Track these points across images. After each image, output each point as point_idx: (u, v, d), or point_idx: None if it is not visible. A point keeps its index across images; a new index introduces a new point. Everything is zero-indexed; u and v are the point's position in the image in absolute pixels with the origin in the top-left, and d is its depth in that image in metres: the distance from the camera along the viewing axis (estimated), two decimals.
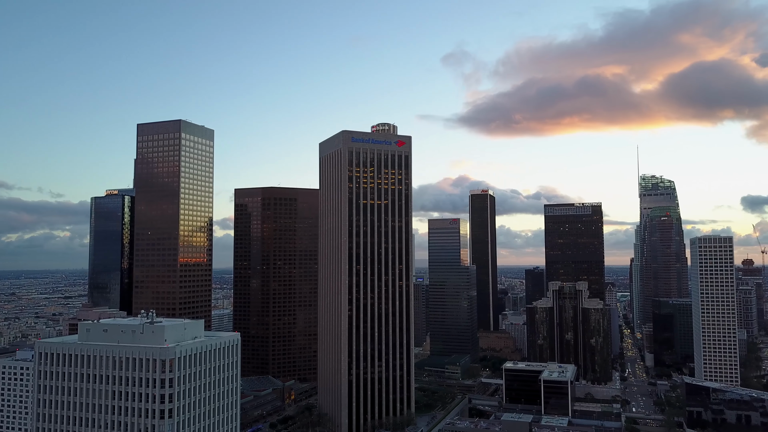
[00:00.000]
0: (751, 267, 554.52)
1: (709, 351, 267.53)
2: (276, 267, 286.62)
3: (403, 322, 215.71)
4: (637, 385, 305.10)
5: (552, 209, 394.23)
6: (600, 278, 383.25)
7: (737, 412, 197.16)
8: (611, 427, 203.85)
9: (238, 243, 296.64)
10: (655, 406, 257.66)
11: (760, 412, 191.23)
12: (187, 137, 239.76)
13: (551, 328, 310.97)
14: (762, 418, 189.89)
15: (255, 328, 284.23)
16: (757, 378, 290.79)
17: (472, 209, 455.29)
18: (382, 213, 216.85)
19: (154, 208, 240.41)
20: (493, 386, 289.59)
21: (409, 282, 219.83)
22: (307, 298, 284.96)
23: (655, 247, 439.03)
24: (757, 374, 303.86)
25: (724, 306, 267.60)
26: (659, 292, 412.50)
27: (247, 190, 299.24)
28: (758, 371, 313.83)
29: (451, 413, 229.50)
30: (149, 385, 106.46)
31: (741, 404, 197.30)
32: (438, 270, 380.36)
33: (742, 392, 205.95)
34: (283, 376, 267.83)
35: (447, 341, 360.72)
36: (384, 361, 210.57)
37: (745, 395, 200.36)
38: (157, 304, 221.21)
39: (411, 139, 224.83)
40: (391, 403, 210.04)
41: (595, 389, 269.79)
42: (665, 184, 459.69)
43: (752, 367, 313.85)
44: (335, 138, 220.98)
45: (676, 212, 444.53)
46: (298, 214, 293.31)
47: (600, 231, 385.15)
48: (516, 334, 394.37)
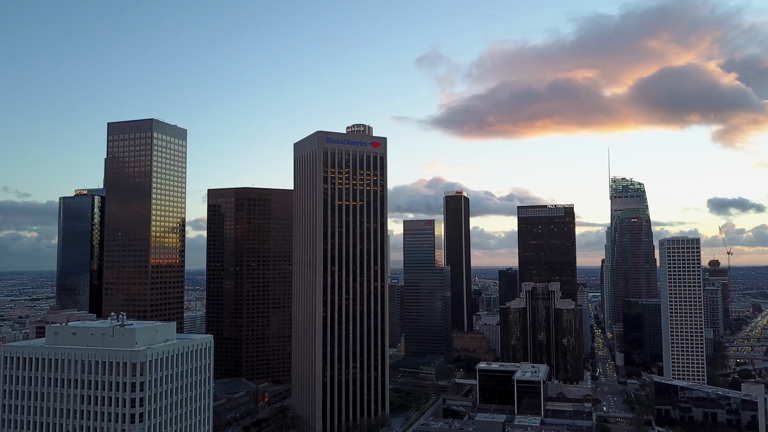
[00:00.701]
0: (717, 268, 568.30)
1: (677, 350, 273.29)
2: (250, 268, 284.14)
3: (377, 323, 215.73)
4: (607, 384, 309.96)
5: (525, 211, 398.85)
6: (572, 279, 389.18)
7: (704, 409, 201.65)
8: (583, 426, 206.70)
9: (211, 244, 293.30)
10: (625, 405, 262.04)
11: (726, 410, 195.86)
12: (160, 137, 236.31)
13: (524, 328, 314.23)
14: (728, 416, 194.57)
15: (228, 330, 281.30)
16: (723, 376, 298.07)
17: (447, 210, 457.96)
18: (357, 214, 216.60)
19: (125, 208, 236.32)
20: (467, 386, 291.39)
21: (384, 283, 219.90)
22: (281, 299, 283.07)
23: (626, 249, 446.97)
24: (723, 372, 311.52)
25: (692, 306, 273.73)
26: (629, 293, 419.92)
27: (221, 191, 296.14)
28: (724, 369, 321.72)
29: (426, 414, 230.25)
30: (119, 388, 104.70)
31: (708, 402, 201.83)
32: (413, 271, 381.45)
33: (708, 390, 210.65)
34: (256, 379, 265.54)
35: (421, 342, 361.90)
36: (359, 363, 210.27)
37: (712, 393, 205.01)
38: (128, 306, 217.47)
39: (386, 141, 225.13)
40: (366, 404, 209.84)
41: (567, 389, 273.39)
42: (635, 186, 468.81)
43: (718, 366, 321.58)
44: (310, 138, 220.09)
45: (645, 214, 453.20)
46: (272, 215, 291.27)
47: (572, 232, 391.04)
48: (490, 335, 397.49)
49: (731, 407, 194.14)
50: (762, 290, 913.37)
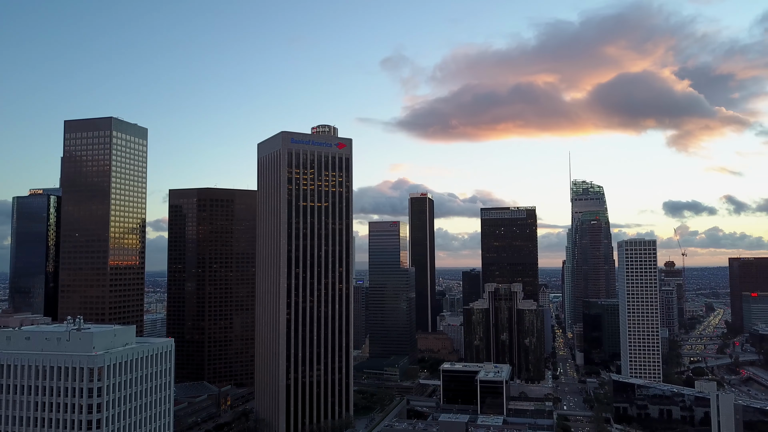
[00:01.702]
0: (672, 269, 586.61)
1: (635, 349, 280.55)
2: (212, 270, 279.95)
3: (342, 325, 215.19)
4: (568, 384, 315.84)
5: (488, 213, 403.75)
6: (534, 280, 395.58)
7: (660, 406, 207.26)
8: (544, 425, 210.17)
9: (172, 245, 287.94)
10: (584, 403, 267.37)
11: (680, 406, 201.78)
12: (119, 135, 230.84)
13: (487, 328, 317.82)
14: (682, 412, 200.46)
15: (190, 333, 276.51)
16: (678, 374, 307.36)
17: (412, 212, 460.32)
18: (322, 215, 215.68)
19: (83, 208, 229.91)
20: (431, 387, 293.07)
21: (349, 285, 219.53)
22: (244, 301, 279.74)
23: (586, 250, 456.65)
24: (678, 370, 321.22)
25: (648, 306, 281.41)
26: (589, 293, 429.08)
27: (182, 191, 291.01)
28: (679, 367, 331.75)
29: (390, 415, 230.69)
30: (76, 394, 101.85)
31: (663, 399, 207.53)
32: (378, 272, 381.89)
33: (664, 388, 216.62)
34: (219, 382, 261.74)
35: (386, 343, 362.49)
36: (323, 365, 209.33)
37: (667, 390, 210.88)
38: (85, 309, 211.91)
39: (352, 142, 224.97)
40: (330, 406, 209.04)
41: (529, 388, 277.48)
42: (595, 189, 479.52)
43: (673, 364, 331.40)
44: (274, 139, 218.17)
45: (604, 216, 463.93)
46: (235, 216, 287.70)
47: (534, 234, 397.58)
48: (453, 335, 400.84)
49: (685, 404, 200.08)
50: (714, 290, 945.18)
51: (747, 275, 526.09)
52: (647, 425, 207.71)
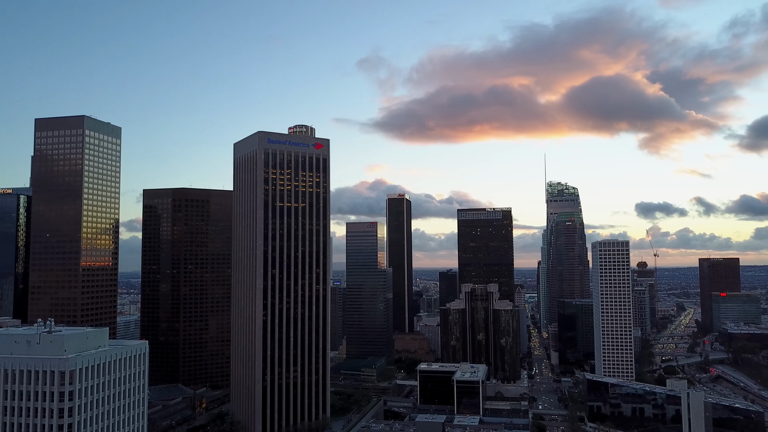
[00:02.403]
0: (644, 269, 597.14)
1: (608, 348, 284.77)
2: (187, 271, 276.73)
3: (319, 326, 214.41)
4: (543, 383, 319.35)
5: (464, 214, 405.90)
6: (510, 280, 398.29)
7: (632, 405, 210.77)
8: (519, 424, 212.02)
9: (146, 246, 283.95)
10: (559, 403, 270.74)
11: (652, 405, 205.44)
12: (92, 134, 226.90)
13: (464, 329, 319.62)
14: (654, 410, 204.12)
15: (164, 335, 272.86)
16: (650, 372, 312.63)
17: (389, 213, 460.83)
18: (299, 216, 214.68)
19: (54, 208, 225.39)
20: (408, 388, 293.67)
21: (326, 286, 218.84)
22: (219, 303, 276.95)
23: (561, 251, 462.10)
24: (650, 369, 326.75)
25: (622, 306, 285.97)
26: (564, 293, 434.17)
27: (157, 191, 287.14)
28: (651, 366, 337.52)
29: (366, 416, 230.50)
30: (47, 399, 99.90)
31: (636, 398, 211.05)
32: (355, 273, 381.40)
33: (636, 386, 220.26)
34: (194, 384, 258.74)
35: (363, 344, 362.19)
36: (299, 366, 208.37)
37: (639, 389, 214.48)
38: (56, 311, 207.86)
39: (329, 142, 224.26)
40: (307, 407, 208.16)
41: (504, 388, 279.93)
42: (570, 190, 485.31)
43: (645, 363, 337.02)
44: (251, 139, 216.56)
45: (579, 217, 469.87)
46: (211, 217, 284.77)
47: (510, 235, 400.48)
48: (430, 336, 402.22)
49: (657, 402, 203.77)
50: (685, 290, 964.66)
51: (716, 275, 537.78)
52: (620, 423, 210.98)
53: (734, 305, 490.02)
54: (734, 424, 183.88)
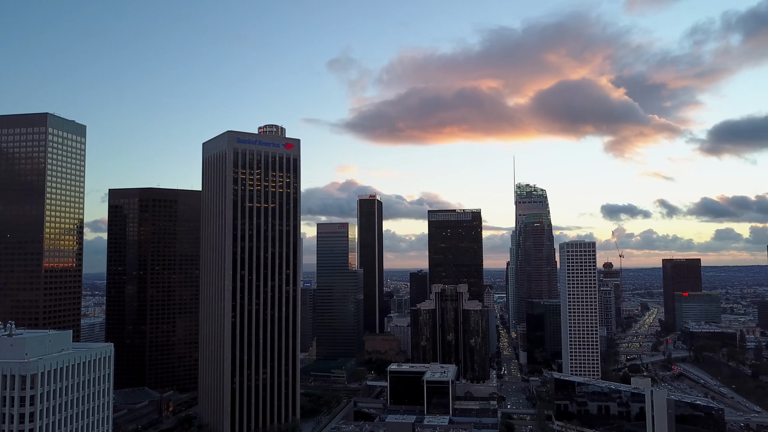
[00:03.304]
0: (610, 270, 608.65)
1: (575, 348, 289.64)
2: (154, 272, 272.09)
3: (289, 327, 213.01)
4: (512, 383, 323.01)
5: (435, 215, 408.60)
6: (479, 281, 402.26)
7: (598, 403, 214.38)
8: (488, 423, 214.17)
9: (112, 246, 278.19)
10: (527, 402, 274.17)
11: (617, 402, 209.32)
12: (55, 132, 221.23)
13: (434, 329, 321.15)
14: (619, 408, 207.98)
15: (130, 338, 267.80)
16: (615, 371, 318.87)
17: (360, 214, 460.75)
18: (269, 216, 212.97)
19: (15, 208, 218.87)
20: (379, 388, 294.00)
21: (296, 287, 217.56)
22: (187, 304, 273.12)
23: (529, 252, 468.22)
24: (615, 367, 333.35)
25: (588, 306, 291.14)
26: (532, 294, 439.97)
27: (123, 191, 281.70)
28: (616, 365, 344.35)
29: (336, 417, 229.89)
30: (7, 404, 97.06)
31: (601, 396, 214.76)
32: (326, 274, 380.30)
33: (602, 385, 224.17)
34: (160, 387, 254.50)
35: (333, 345, 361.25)
36: (269, 368, 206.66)
37: (605, 387, 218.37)
38: (17, 314, 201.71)
39: (300, 142, 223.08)
40: (276, 410, 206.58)
41: (474, 387, 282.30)
42: (538, 192, 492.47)
43: (611, 361, 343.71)
44: (220, 138, 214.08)
45: (547, 219, 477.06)
46: (179, 217, 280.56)
47: (479, 236, 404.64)
48: (401, 336, 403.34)
49: (622, 400, 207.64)
50: (649, 290, 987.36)
51: (679, 276, 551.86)
52: (586, 421, 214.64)
53: (696, 305, 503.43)
54: (695, 421, 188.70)
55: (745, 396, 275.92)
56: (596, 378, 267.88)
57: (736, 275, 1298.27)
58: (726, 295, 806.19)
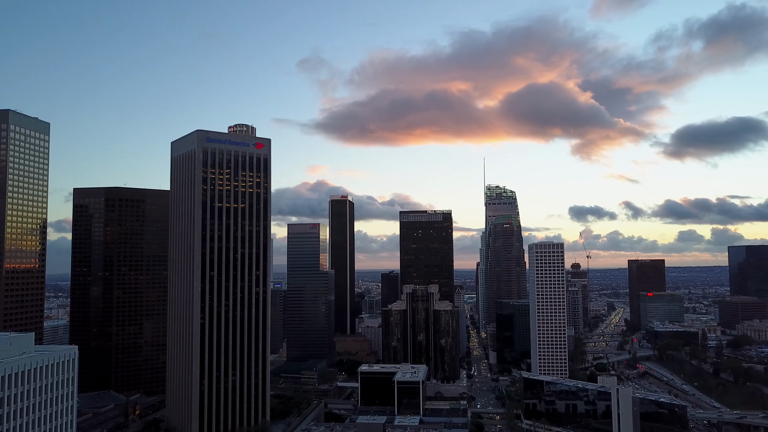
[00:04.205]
0: (578, 270, 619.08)
1: (544, 347, 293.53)
2: (120, 273, 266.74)
3: (259, 329, 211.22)
4: (482, 382, 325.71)
5: (406, 216, 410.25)
6: (450, 281, 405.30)
7: (566, 401, 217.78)
8: (459, 423, 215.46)
9: (76, 247, 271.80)
10: (497, 401, 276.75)
11: (585, 401, 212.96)
12: (16, 129, 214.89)
13: (405, 329, 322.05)
14: (586, 406, 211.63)
15: (96, 340, 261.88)
16: (582, 370, 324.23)
17: (332, 214, 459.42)
18: (238, 217, 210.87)
19: None
20: (349, 389, 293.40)
21: (266, 288, 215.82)
22: (155, 306, 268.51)
23: (499, 252, 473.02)
24: (582, 366, 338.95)
25: (556, 306, 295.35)
26: (502, 294, 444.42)
27: (89, 190, 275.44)
28: (583, 364, 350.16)
29: (307, 419, 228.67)
30: None
31: (569, 394, 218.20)
32: (297, 275, 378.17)
33: (570, 384, 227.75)
34: (127, 390, 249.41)
35: (304, 347, 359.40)
36: (239, 370, 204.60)
37: (572, 386, 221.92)
38: None
39: (270, 142, 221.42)
40: (246, 412, 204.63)
41: (444, 387, 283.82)
42: (507, 194, 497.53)
43: (578, 361, 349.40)
44: (189, 137, 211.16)
45: (516, 220, 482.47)
46: (147, 217, 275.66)
47: (450, 237, 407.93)
48: (372, 337, 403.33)
49: (589, 398, 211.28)
50: (615, 290, 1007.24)
51: (643, 276, 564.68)
52: (555, 420, 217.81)
53: (660, 304, 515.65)
54: (659, 418, 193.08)
55: (706, 393, 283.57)
56: (564, 377, 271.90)
57: (699, 275, 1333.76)
58: (689, 295, 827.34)
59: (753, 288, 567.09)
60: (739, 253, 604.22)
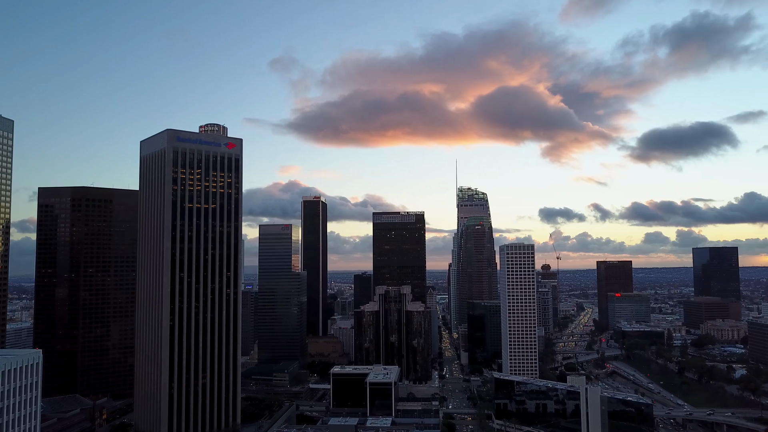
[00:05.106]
0: (548, 271, 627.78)
1: (514, 347, 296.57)
2: (87, 275, 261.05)
3: (230, 331, 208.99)
4: (453, 383, 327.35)
5: (380, 217, 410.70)
6: (422, 282, 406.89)
7: (536, 401, 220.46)
8: (430, 423, 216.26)
9: (41, 247, 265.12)
10: (468, 401, 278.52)
11: (554, 400, 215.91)
12: None
13: (377, 331, 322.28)
14: (556, 405, 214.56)
15: (61, 343, 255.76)
16: (552, 370, 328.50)
17: (305, 215, 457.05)
18: (209, 217, 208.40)
19: None
20: (321, 391, 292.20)
21: (237, 290, 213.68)
22: (123, 308, 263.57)
23: (470, 253, 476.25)
24: (552, 366, 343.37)
25: (527, 306, 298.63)
26: (473, 295, 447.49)
27: (54, 189, 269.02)
28: (553, 364, 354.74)
29: (278, 421, 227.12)
30: None
31: (539, 394, 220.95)
32: (268, 276, 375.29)
33: (540, 383, 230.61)
34: (93, 394, 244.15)
35: (276, 348, 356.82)
36: (209, 372, 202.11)
37: (542, 386, 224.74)
38: None
39: (242, 142, 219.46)
40: (216, 415, 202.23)
41: (416, 388, 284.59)
42: (479, 195, 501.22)
43: (548, 360, 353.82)
44: (159, 137, 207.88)
45: (488, 222, 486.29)
46: (114, 217, 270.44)
47: (423, 238, 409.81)
48: (344, 338, 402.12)
49: (559, 398, 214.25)
50: (584, 291, 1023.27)
51: (611, 277, 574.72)
52: (525, 419, 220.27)
53: (627, 305, 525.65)
54: (627, 416, 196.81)
55: (671, 391, 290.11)
56: (535, 377, 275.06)
57: (664, 276, 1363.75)
58: (655, 296, 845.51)
59: (716, 289, 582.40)
60: (703, 254, 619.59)
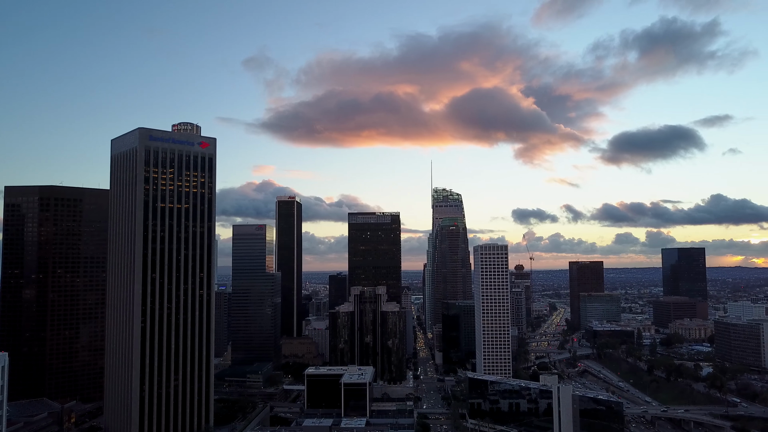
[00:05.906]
0: (521, 272, 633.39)
1: (488, 347, 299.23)
2: (56, 276, 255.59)
3: (203, 332, 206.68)
4: (428, 383, 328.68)
5: (355, 217, 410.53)
6: (397, 282, 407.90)
7: (509, 400, 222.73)
8: (405, 424, 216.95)
9: (7, 248, 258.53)
10: (443, 401, 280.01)
11: (527, 399, 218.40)
12: None
13: (352, 331, 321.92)
14: (528, 404, 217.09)
15: (28, 345, 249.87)
16: (525, 369, 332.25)
17: (279, 215, 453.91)
18: (182, 217, 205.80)
19: None
20: (296, 392, 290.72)
21: (210, 290, 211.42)
22: (93, 309, 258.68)
23: (445, 254, 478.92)
24: (526, 366, 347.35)
25: (500, 306, 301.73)
26: (448, 295, 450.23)
27: (21, 189, 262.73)
28: (526, 363, 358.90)
29: (252, 423, 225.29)
30: None
31: (512, 393, 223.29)
32: (242, 277, 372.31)
33: (513, 383, 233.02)
34: (62, 398, 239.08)
35: (249, 350, 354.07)
36: (181, 374, 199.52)
37: (516, 385, 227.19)
38: None
39: (216, 141, 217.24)
40: (189, 417, 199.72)
41: (391, 389, 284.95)
42: (454, 196, 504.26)
43: (522, 360, 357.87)
44: (130, 135, 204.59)
45: (462, 222, 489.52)
46: (84, 217, 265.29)
47: (398, 238, 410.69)
48: (319, 339, 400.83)
49: (531, 397, 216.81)
50: (557, 291, 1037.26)
51: (583, 277, 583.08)
52: (498, 418, 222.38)
53: (599, 305, 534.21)
54: (597, 414, 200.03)
55: (641, 389, 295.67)
56: (508, 376, 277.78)
57: (635, 276, 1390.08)
58: (625, 296, 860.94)
59: (684, 288, 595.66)
60: (672, 255, 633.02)
